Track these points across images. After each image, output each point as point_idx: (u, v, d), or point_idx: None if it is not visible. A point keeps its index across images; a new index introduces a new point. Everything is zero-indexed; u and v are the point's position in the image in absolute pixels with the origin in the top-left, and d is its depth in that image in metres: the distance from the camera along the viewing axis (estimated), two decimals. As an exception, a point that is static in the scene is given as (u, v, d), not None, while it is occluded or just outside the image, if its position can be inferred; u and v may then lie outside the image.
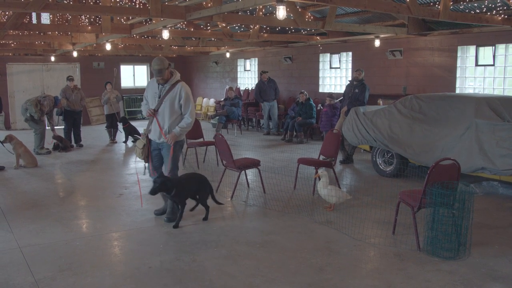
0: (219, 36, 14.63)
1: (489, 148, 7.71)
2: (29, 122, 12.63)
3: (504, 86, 11.55)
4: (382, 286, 4.73)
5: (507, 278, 4.93)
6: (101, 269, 5.16)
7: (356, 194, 8.23)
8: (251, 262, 5.31)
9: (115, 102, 14.73)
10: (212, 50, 20.25)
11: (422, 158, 8.70)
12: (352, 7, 10.65)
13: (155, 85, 6.70)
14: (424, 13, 9.38)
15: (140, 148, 6.83)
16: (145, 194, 7.70)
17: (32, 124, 12.58)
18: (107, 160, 11.98)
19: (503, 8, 10.44)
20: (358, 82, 11.45)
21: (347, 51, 15.53)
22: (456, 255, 5.43)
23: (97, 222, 6.85)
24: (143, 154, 6.85)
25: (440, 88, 12.29)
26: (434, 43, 12.80)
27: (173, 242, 5.97)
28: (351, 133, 10.18)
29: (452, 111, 8.56)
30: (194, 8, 9.76)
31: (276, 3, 8.09)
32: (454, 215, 5.45)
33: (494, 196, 8.11)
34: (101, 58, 21.89)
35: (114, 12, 10.01)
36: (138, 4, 14.03)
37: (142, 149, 6.82)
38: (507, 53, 11.46)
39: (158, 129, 6.64)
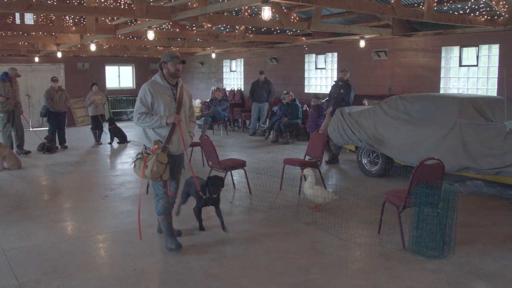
0: (205, 37, 14.61)
1: (473, 148, 7.78)
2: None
3: (488, 86, 11.66)
4: (368, 286, 4.75)
5: (491, 276, 4.98)
6: (86, 271, 5.12)
7: (342, 194, 8.26)
8: (237, 263, 5.31)
9: (99, 104, 14.62)
10: (198, 51, 20.21)
11: (407, 158, 8.75)
12: (337, 8, 10.70)
13: (164, 87, 5.66)
14: (409, 14, 9.44)
15: (164, 164, 5.44)
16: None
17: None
18: (92, 161, 11.91)
19: (486, 9, 10.55)
20: (343, 83, 11.49)
21: (332, 51, 15.58)
22: (441, 254, 5.47)
23: (82, 224, 6.80)
24: (164, 171, 5.49)
25: (425, 89, 12.37)
26: (418, 44, 12.89)
27: (159, 243, 5.95)
28: (336, 133, 10.21)
29: (436, 111, 8.63)
30: (180, 9, 9.74)
31: (261, 3, 8.09)
32: (439, 214, 5.49)
33: (478, 195, 8.19)
34: (86, 59, 21.74)
35: (98, 13, 9.94)
36: (123, 5, 13.97)
37: (165, 166, 5.46)
38: (490, 54, 11.57)
39: (181, 138, 5.68)
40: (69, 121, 17.52)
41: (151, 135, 5.68)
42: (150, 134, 5.69)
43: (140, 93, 5.64)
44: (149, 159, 5.44)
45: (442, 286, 4.73)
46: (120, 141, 14.71)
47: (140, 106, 5.61)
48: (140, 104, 5.60)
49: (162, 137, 5.60)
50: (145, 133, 5.75)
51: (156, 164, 5.38)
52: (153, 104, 5.61)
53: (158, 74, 5.73)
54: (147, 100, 5.59)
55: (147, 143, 5.70)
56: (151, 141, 5.64)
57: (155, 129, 5.62)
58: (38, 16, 14.67)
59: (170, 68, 5.59)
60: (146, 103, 5.59)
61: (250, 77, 18.51)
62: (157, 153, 5.43)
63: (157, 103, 5.61)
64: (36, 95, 20.37)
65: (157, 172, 5.40)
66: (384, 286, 4.74)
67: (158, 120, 5.53)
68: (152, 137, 5.66)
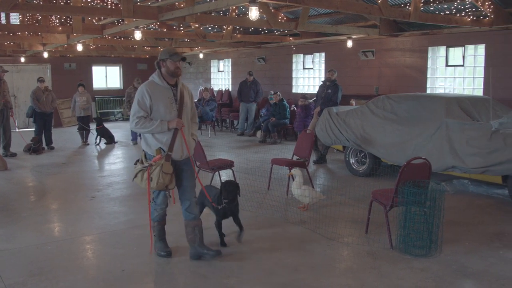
0: (192, 37, 14.59)
1: (459, 147, 7.84)
2: None
3: (474, 86, 11.75)
4: (355, 285, 4.76)
5: (478, 274, 5.02)
6: (73, 273, 5.09)
7: (330, 194, 8.28)
8: (225, 263, 5.30)
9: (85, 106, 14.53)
10: (185, 51, 20.14)
11: (394, 158, 8.80)
12: (324, 8, 10.73)
13: (163, 88, 5.19)
14: (395, 14, 9.49)
15: (169, 174, 5.07)
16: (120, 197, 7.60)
17: None
18: (79, 162, 11.83)
19: (471, 9, 10.63)
20: (331, 83, 11.52)
21: (320, 51, 15.62)
22: (428, 253, 5.50)
23: (69, 226, 6.75)
24: (171, 182, 5.12)
25: (412, 88, 12.44)
26: (405, 44, 12.96)
27: (147, 244, 5.91)
28: (324, 133, 10.24)
29: (423, 111, 8.68)
30: (167, 9, 9.71)
31: (249, 3, 8.10)
32: (426, 213, 5.53)
33: (464, 194, 8.25)
34: (73, 59, 21.60)
35: (85, 13, 9.90)
36: (110, 5, 13.90)
37: (170, 176, 5.09)
38: (476, 54, 11.67)
39: (184, 144, 5.25)
40: (55, 121, 17.40)
41: (151, 142, 5.22)
42: (150, 141, 5.23)
43: (137, 95, 5.18)
44: (152, 170, 5.05)
45: (429, 285, 4.76)
46: (107, 141, 14.63)
47: (138, 109, 5.11)
48: (138, 108, 5.11)
49: (164, 144, 5.15)
50: (145, 139, 5.31)
51: (161, 175, 5.01)
52: (151, 107, 5.13)
53: (156, 74, 5.25)
54: (146, 103, 5.11)
55: (147, 149, 5.29)
56: (152, 148, 5.22)
57: (155, 135, 5.16)
58: (24, 16, 14.55)
59: (169, 66, 5.14)
60: (144, 106, 5.11)
61: (238, 77, 18.51)
62: (161, 163, 5.04)
63: (156, 105, 5.13)
64: (22, 96, 20.19)
65: (163, 184, 5.05)
66: (372, 285, 4.76)
67: (159, 125, 5.07)
68: (153, 144, 5.20)
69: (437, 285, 4.76)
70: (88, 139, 14.85)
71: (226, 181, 5.82)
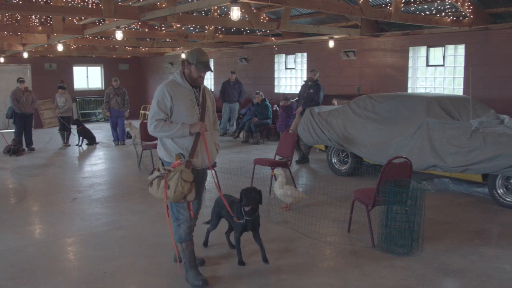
0: (174, 37, 14.54)
1: (440, 146, 7.92)
2: None
3: (454, 85, 11.87)
4: (338, 284, 4.78)
5: (459, 272, 5.07)
6: (54, 275, 5.04)
7: (312, 194, 8.31)
8: (207, 264, 5.29)
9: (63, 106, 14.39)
10: (167, 51, 20.10)
11: (375, 157, 8.85)
12: (306, 8, 10.76)
13: (185, 90, 4.74)
14: (376, 15, 9.56)
15: (189, 182, 4.53)
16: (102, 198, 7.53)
17: None
18: (60, 163, 11.72)
19: (451, 10, 10.74)
20: (313, 83, 11.55)
21: (302, 51, 15.66)
22: (410, 251, 5.54)
23: (50, 228, 6.68)
24: (190, 191, 4.59)
25: (393, 88, 12.54)
26: (386, 44, 13.05)
27: (129, 246, 5.89)
28: (306, 133, 10.27)
29: (404, 110, 8.75)
30: (148, 9, 9.67)
31: (230, 4, 8.10)
32: (407, 212, 5.57)
33: (445, 193, 8.33)
34: (53, 59, 21.41)
35: (65, 12, 9.80)
36: (90, 4, 13.79)
37: (190, 184, 4.55)
38: (456, 54, 11.80)
39: (206, 152, 4.78)
40: (36, 122, 17.22)
41: (170, 147, 4.73)
42: (169, 146, 4.73)
43: (157, 95, 4.70)
44: (171, 177, 4.53)
45: (411, 283, 4.80)
46: (89, 142, 14.51)
47: (157, 111, 4.64)
48: (158, 109, 4.64)
49: (184, 150, 4.68)
50: (163, 144, 4.80)
51: (180, 182, 4.49)
52: (172, 109, 4.67)
53: (178, 73, 4.78)
54: (166, 104, 4.65)
55: (165, 156, 4.77)
56: (171, 154, 4.72)
57: (175, 140, 4.69)
58: (3, 16, 14.35)
59: (192, 72, 4.69)
60: (164, 107, 4.65)
61: (220, 78, 18.48)
62: (181, 170, 4.53)
63: (177, 107, 4.67)
64: (1, 97, 19.96)
65: (181, 193, 4.51)
66: (354, 284, 4.78)
67: (180, 128, 4.60)
68: (172, 149, 4.71)
69: (419, 283, 4.80)
70: (69, 140, 14.71)
71: (247, 188, 5.16)
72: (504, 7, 10.14)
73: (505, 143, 7.17)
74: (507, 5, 10.06)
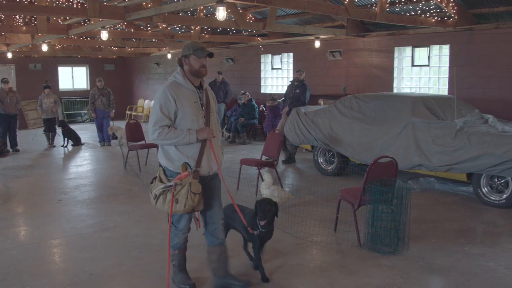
0: (160, 37, 14.50)
1: (425, 146, 7.98)
2: None
3: (439, 85, 11.96)
4: (324, 283, 4.80)
5: (444, 270, 5.11)
6: (39, 278, 5.00)
7: (299, 194, 8.33)
8: (194, 265, 5.27)
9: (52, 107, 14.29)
10: (153, 51, 20.03)
11: (361, 157, 8.89)
12: (291, 9, 10.78)
13: (188, 91, 4.36)
14: (362, 15, 9.60)
15: (198, 194, 4.23)
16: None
17: None
18: (45, 165, 11.63)
19: (436, 10, 10.82)
20: (299, 83, 11.57)
21: (288, 52, 15.69)
22: (395, 250, 5.58)
23: (35, 230, 6.63)
24: (199, 203, 4.29)
25: (378, 88, 12.60)
26: (372, 44, 13.11)
27: (115, 247, 5.86)
28: (292, 133, 10.29)
29: (390, 110, 8.80)
30: (134, 9, 9.63)
31: (216, 4, 8.09)
32: (393, 211, 5.61)
33: (430, 192, 8.39)
34: (38, 59, 21.23)
35: (50, 12, 9.72)
36: (75, 4, 13.70)
37: (199, 196, 4.25)
38: (441, 54, 11.88)
39: (213, 157, 4.45)
40: (21, 123, 17.06)
41: (173, 156, 4.36)
42: (172, 154, 4.37)
43: (159, 99, 4.29)
44: (178, 190, 4.22)
45: (397, 281, 4.83)
46: (74, 143, 14.42)
47: (160, 116, 4.24)
48: (161, 114, 4.24)
49: (190, 158, 4.32)
50: (164, 152, 4.42)
51: (190, 196, 4.18)
52: (176, 114, 4.29)
53: (178, 73, 4.41)
54: (170, 109, 4.25)
55: (168, 164, 4.41)
56: (174, 163, 4.37)
57: (179, 147, 4.33)
58: (-14, 16, 14.26)
59: (193, 63, 4.33)
60: (168, 112, 4.25)
61: (206, 78, 18.06)
62: (189, 182, 4.19)
63: (182, 112, 4.29)
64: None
65: (191, 206, 4.23)
66: (341, 283, 4.80)
67: (186, 135, 4.23)
68: (176, 158, 4.34)
69: (405, 281, 4.83)
70: (55, 141, 14.60)
71: (263, 199, 4.96)
72: (488, 7, 10.23)
73: (489, 142, 7.24)
74: (490, 6, 10.16)
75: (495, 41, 10.64)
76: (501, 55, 10.53)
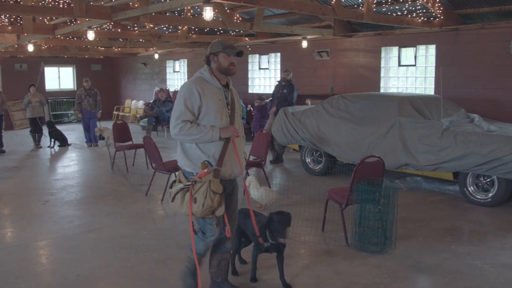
0: (147, 37, 14.46)
1: (412, 145, 8.03)
2: None
3: (425, 85, 12.05)
4: (312, 283, 4.81)
5: (431, 269, 5.15)
6: (26, 280, 4.96)
7: (286, 193, 8.33)
8: (182, 265, 5.26)
9: (38, 107, 14.20)
10: (140, 51, 19.96)
11: (349, 156, 8.92)
12: (279, 9, 10.80)
13: (214, 88, 4.16)
14: (349, 15, 9.64)
15: (219, 193, 3.94)
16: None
17: None
18: (32, 166, 11.53)
19: (422, 11, 10.89)
20: (286, 83, 11.59)
21: (275, 52, 15.71)
22: (383, 249, 5.60)
23: (22, 231, 6.58)
24: (219, 205, 3.98)
25: (366, 88, 12.66)
26: (359, 44, 13.17)
27: (102, 248, 5.83)
28: (280, 133, 10.30)
29: (377, 110, 8.84)
30: (120, 9, 9.59)
31: (203, 4, 8.08)
32: (380, 211, 5.63)
33: (417, 191, 8.44)
34: (24, 59, 21.06)
35: (35, 12, 9.64)
36: (62, 4, 13.60)
37: (219, 196, 3.95)
38: (427, 54, 11.97)
39: (236, 159, 4.23)
40: (6, 124, 16.91)
41: (194, 155, 4.11)
42: (192, 153, 4.12)
43: (183, 93, 4.11)
44: (196, 189, 3.92)
45: (384, 280, 4.85)
46: (61, 144, 14.31)
47: (184, 111, 4.03)
48: (185, 109, 4.03)
49: (211, 157, 4.07)
50: (184, 151, 4.18)
51: (209, 195, 3.88)
52: (200, 109, 4.08)
53: (205, 70, 4.22)
54: (194, 103, 4.05)
55: (187, 165, 4.15)
56: (194, 163, 4.10)
57: (200, 145, 4.09)
58: (-29, 16, 14.12)
59: (221, 61, 4.19)
60: (192, 108, 4.05)
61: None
62: (209, 180, 3.92)
63: (206, 107, 4.07)
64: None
65: (210, 207, 3.91)
66: (328, 282, 4.81)
67: (209, 132, 4.01)
68: (196, 157, 4.09)
69: (392, 280, 4.86)
70: (41, 142, 14.49)
71: (277, 212, 4.66)
72: (473, 8, 10.33)
73: (474, 141, 7.31)
74: (476, 6, 10.25)
75: (480, 41, 10.74)
76: (486, 55, 10.64)
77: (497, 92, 10.55)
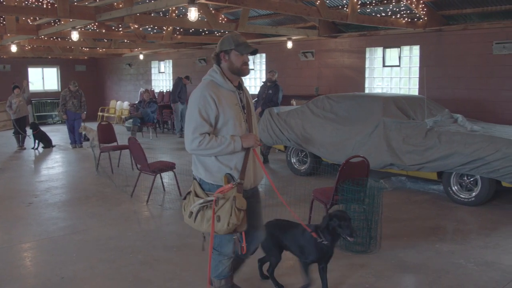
0: (132, 38, 14.41)
1: (396, 145, 8.08)
2: None
3: (409, 85, 12.14)
4: (298, 283, 4.81)
5: (416, 268, 5.19)
6: (9, 283, 4.91)
7: (272, 194, 8.33)
8: (168, 267, 5.26)
9: (22, 105, 14.07)
10: (125, 52, 19.87)
11: (334, 156, 8.96)
12: (264, 9, 10.82)
13: (228, 92, 3.77)
14: (333, 16, 9.69)
15: (243, 210, 3.58)
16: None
17: None
18: (16, 167, 11.42)
19: (406, 12, 10.98)
20: (271, 83, 11.61)
21: (260, 52, 15.71)
22: (368, 249, 5.63)
23: (5, 234, 6.51)
24: (243, 220, 3.62)
25: (350, 88, 12.72)
26: (344, 45, 13.23)
27: (87, 250, 5.79)
28: (265, 133, 10.31)
29: (361, 110, 8.88)
30: (105, 9, 9.54)
31: (188, 4, 8.06)
32: (365, 210, 5.66)
33: (402, 191, 8.50)
34: (7, 60, 20.86)
35: (19, 12, 9.56)
36: (45, 4, 13.50)
37: (243, 213, 3.59)
38: (411, 55, 12.06)
39: (257, 167, 3.95)
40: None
41: (213, 167, 3.75)
42: (211, 164, 3.75)
43: (197, 102, 3.67)
44: (220, 206, 3.57)
45: (369, 280, 4.88)
46: (45, 145, 14.20)
47: (200, 122, 3.62)
48: (201, 120, 3.62)
49: (233, 169, 3.72)
50: (201, 162, 3.81)
51: (234, 213, 3.51)
52: (217, 118, 3.67)
53: (215, 71, 3.80)
54: (210, 113, 3.64)
55: (207, 177, 3.78)
56: (214, 175, 3.75)
57: (219, 157, 3.72)
58: (-47, 16, 13.95)
59: (234, 60, 3.76)
60: (208, 117, 3.64)
61: (180, 79, 18.33)
62: (233, 196, 3.55)
63: (223, 116, 3.67)
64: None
65: (234, 225, 3.56)
66: (314, 282, 4.82)
67: (231, 143, 3.63)
68: (216, 169, 3.74)
69: (377, 280, 4.89)
70: (25, 143, 14.35)
71: (341, 212, 4.44)
72: (457, 9, 10.43)
73: (458, 141, 7.38)
74: (459, 8, 10.35)
75: (463, 42, 10.84)
76: (470, 55, 10.74)
77: (480, 93, 10.66)
